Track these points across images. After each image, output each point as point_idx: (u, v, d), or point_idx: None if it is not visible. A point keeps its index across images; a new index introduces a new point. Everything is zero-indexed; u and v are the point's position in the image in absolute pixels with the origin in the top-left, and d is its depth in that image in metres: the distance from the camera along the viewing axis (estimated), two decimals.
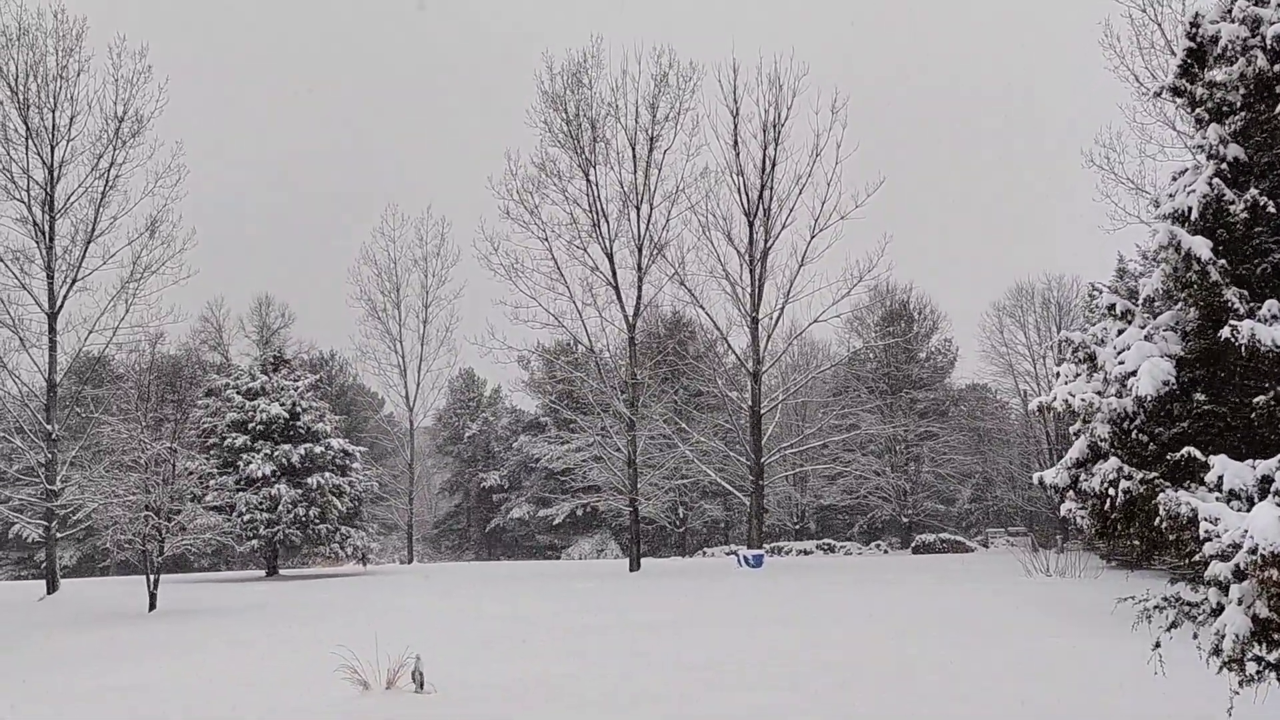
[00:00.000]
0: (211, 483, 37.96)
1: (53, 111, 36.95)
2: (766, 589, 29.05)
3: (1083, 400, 9.48)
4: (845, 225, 40.31)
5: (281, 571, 46.49)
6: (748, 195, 41.21)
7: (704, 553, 60.28)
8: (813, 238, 40.69)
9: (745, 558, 39.84)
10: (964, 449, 61.30)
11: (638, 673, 14.60)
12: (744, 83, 41.33)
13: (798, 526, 64.61)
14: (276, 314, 70.16)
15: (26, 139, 36.72)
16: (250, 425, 43.98)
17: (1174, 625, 9.20)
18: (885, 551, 56.97)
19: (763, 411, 42.74)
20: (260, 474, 42.39)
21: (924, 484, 62.16)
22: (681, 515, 63.51)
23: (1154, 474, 8.61)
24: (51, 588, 36.12)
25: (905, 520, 61.06)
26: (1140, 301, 10.03)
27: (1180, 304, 9.52)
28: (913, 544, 56.00)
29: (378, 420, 74.92)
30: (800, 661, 15.24)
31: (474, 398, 78.77)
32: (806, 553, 54.55)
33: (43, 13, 37.23)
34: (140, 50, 38.37)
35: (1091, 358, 9.65)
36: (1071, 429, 10.38)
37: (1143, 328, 9.69)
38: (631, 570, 40.27)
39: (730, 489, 46.33)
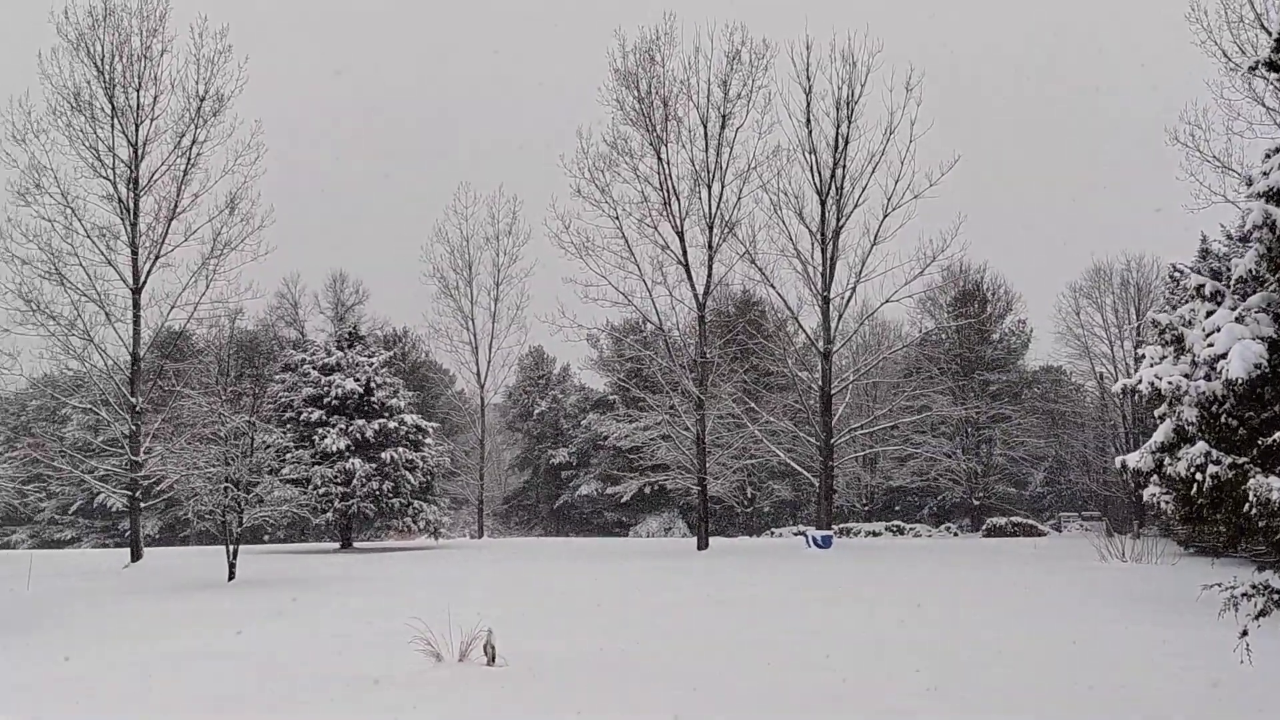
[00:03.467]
0: (288, 456, 38.69)
1: (137, 91, 37.81)
2: (834, 569, 28.92)
3: (1170, 383, 9.29)
4: (919, 204, 39.91)
5: (355, 544, 47.29)
6: (820, 173, 40.92)
7: (772, 533, 60.14)
8: (885, 216, 40.38)
9: (814, 538, 39.64)
10: (1037, 432, 60.34)
11: (707, 649, 14.64)
12: (817, 60, 40.92)
13: (867, 508, 64.16)
14: (351, 291, 71.25)
15: (112, 118, 37.62)
16: (325, 400, 44.73)
17: (1262, 614, 9.00)
18: (955, 534, 56.36)
19: (833, 392, 42.46)
20: (335, 448, 43.11)
21: (996, 466, 61.37)
22: (750, 495, 63.41)
23: (1244, 459, 8.41)
24: (135, 556, 37.17)
25: (976, 503, 60.37)
26: (1230, 283, 9.76)
27: (1273, 285, 9.26)
28: (984, 527, 55.32)
29: (449, 396, 75.72)
30: (857, 642, 15.15)
31: (543, 375, 79.22)
32: (875, 534, 54.19)
33: None
34: (221, 30, 39.12)
35: (1179, 340, 9.45)
36: (1156, 412, 10.19)
37: (1233, 309, 9.43)
38: (700, 549, 40.33)
39: (799, 469, 46.13)
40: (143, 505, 38.48)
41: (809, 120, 40.72)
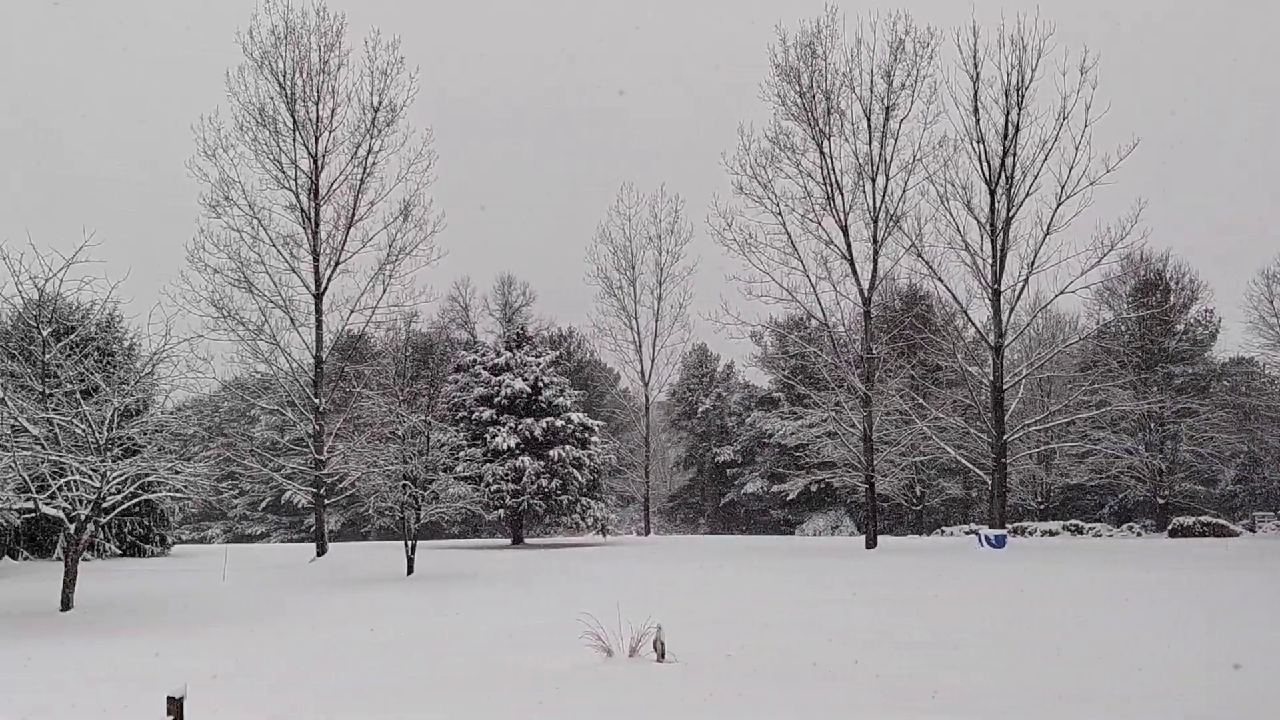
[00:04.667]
0: (461, 454, 39.84)
1: (316, 104, 39.53)
2: (1009, 569, 28.07)
3: None
4: (1094, 191, 38.41)
5: (526, 540, 48.36)
6: (988, 163, 39.83)
7: (942, 531, 58.79)
8: (1059, 205, 38.99)
9: (987, 537, 38.62)
10: (1227, 427, 57.12)
11: (876, 649, 14.44)
12: (984, 46, 39.69)
13: (1042, 506, 62.04)
14: (518, 292, 72.92)
15: (294, 131, 39.43)
16: (496, 399, 45.88)
17: None
18: (1138, 534, 53.91)
19: (1005, 387, 41.30)
20: (505, 446, 44.17)
21: (1182, 463, 58.43)
22: (919, 493, 62.19)
23: None
24: (320, 551, 38.92)
25: (1160, 501, 57.68)
26: None
27: None
28: (1169, 527, 52.75)
29: (614, 395, 76.66)
30: (1040, 644, 14.68)
31: (707, 373, 79.38)
32: (1052, 534, 52.32)
33: (306, 11, 39.88)
34: (393, 42, 40.59)
35: None
36: None
37: None
38: (868, 547, 39.80)
39: (970, 466, 44.98)
40: (326, 502, 40.23)
41: (976, 108, 39.72)
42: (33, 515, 22.72)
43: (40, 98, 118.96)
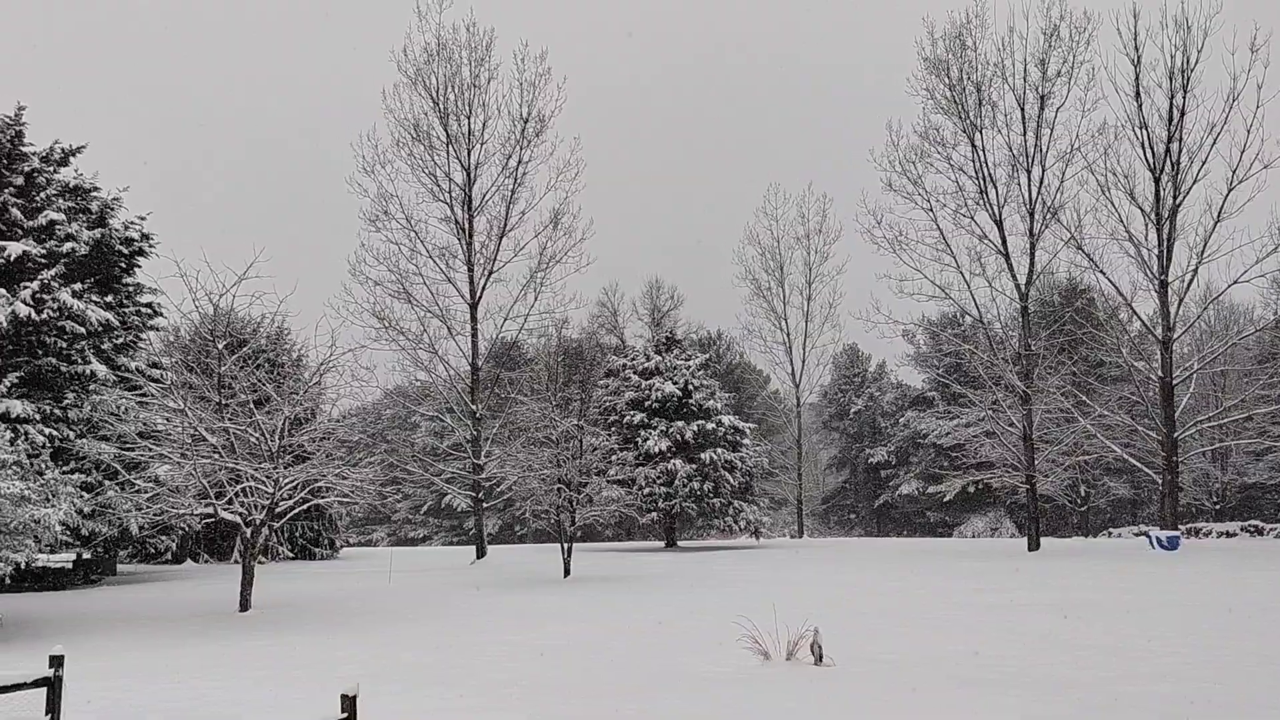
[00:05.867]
0: (614, 458, 40.29)
1: (468, 118, 40.61)
2: (1185, 572, 26.84)
3: None
4: (1269, 174, 36.57)
5: (679, 543, 48.55)
6: (1152, 149, 38.33)
7: (1109, 533, 56.66)
8: (1230, 191, 37.32)
9: (1158, 539, 37.03)
10: None
11: (1043, 655, 13.98)
12: (1145, 28, 38.30)
13: (1217, 506, 59.17)
14: (666, 296, 73.36)
15: (447, 145, 40.60)
16: (646, 403, 46.24)
17: None
18: None
19: (1174, 382, 39.59)
20: (657, 449, 44.46)
21: None
22: (1083, 493, 60.05)
23: None
24: (480, 553, 39.88)
25: None
26: None
27: None
28: None
29: (764, 397, 76.36)
30: (1228, 653, 13.97)
31: (858, 373, 78.37)
32: (1229, 535, 49.86)
33: (457, 27, 41.05)
34: (540, 54, 41.44)
35: None
36: None
37: None
38: (1030, 550, 38.68)
39: (1139, 465, 43.19)
40: (485, 505, 41.21)
41: (1138, 93, 38.27)
42: (212, 520, 23.89)
43: (217, 123, 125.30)
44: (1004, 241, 40.04)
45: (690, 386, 46.63)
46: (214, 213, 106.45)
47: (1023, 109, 39.40)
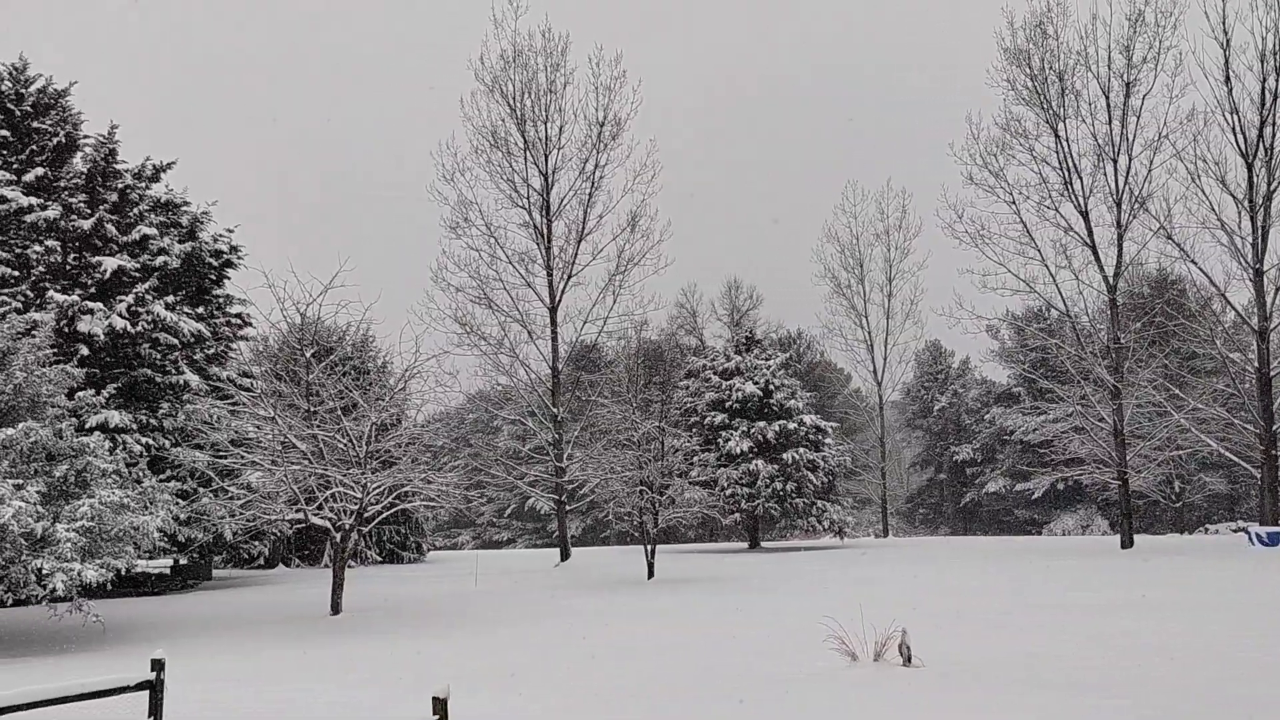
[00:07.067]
0: (695, 459, 40.27)
1: (544, 123, 40.92)
2: None
3: None
4: None
5: (762, 544, 48.35)
6: (1244, 134, 37.20)
7: (1205, 529, 55.12)
8: None
9: (1258, 535, 35.94)
10: None
11: (1137, 657, 13.64)
12: (1234, 10, 37.13)
13: None
14: (745, 296, 73.09)
15: (525, 151, 40.94)
16: (727, 404, 46.13)
17: None
18: None
19: (1272, 374, 38.37)
20: (738, 450, 44.33)
21: None
22: (1177, 489, 58.50)
23: None
24: (564, 555, 40.13)
25: None
26: None
27: None
28: None
29: (846, 395, 75.72)
30: None
31: (942, 370, 77.32)
32: None
33: (532, 34, 41.40)
34: (615, 57, 41.69)
35: None
36: None
37: None
38: (1123, 547, 37.83)
39: (1235, 460, 41.97)
40: (567, 508, 41.46)
41: (1228, 77, 37.16)
42: (303, 525, 24.41)
43: (298, 135, 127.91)
44: (1090, 233, 39.22)
45: (771, 386, 46.41)
46: (303, 221, 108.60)
47: (1107, 97, 38.55)
